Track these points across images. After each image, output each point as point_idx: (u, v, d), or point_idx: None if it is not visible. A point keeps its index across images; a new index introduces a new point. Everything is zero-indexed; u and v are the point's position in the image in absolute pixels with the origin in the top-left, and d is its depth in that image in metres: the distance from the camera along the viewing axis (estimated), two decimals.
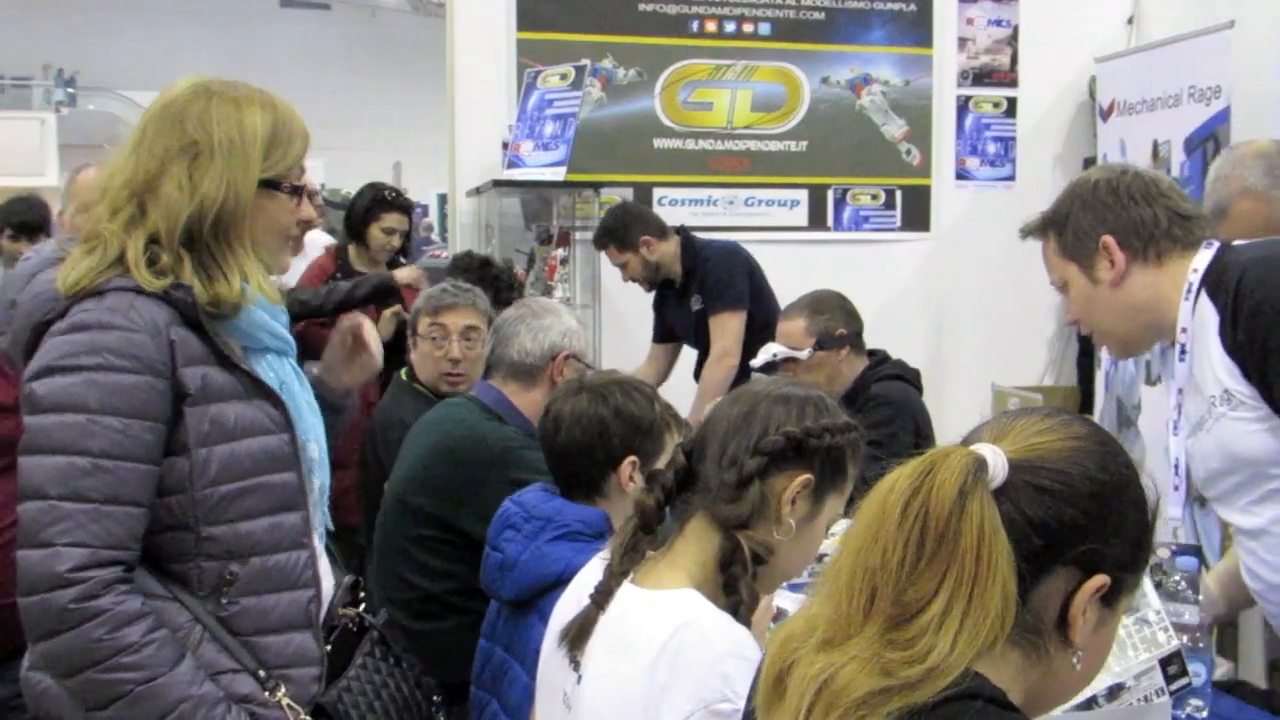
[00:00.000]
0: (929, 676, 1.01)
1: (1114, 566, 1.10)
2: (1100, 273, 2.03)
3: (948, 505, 1.03)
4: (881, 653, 1.03)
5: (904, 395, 3.42)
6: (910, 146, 5.94)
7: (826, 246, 5.79)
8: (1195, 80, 4.91)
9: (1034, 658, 1.09)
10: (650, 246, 4.52)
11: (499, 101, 5.41)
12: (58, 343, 1.68)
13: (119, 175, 1.77)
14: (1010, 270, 5.95)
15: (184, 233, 1.74)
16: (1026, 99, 6.06)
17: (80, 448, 1.63)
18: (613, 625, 1.61)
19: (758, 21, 5.76)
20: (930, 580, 1.03)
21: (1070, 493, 1.08)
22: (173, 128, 1.77)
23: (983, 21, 6.04)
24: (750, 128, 5.76)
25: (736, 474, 1.60)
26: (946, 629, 1.01)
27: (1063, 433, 1.13)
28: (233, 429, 1.74)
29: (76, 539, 1.61)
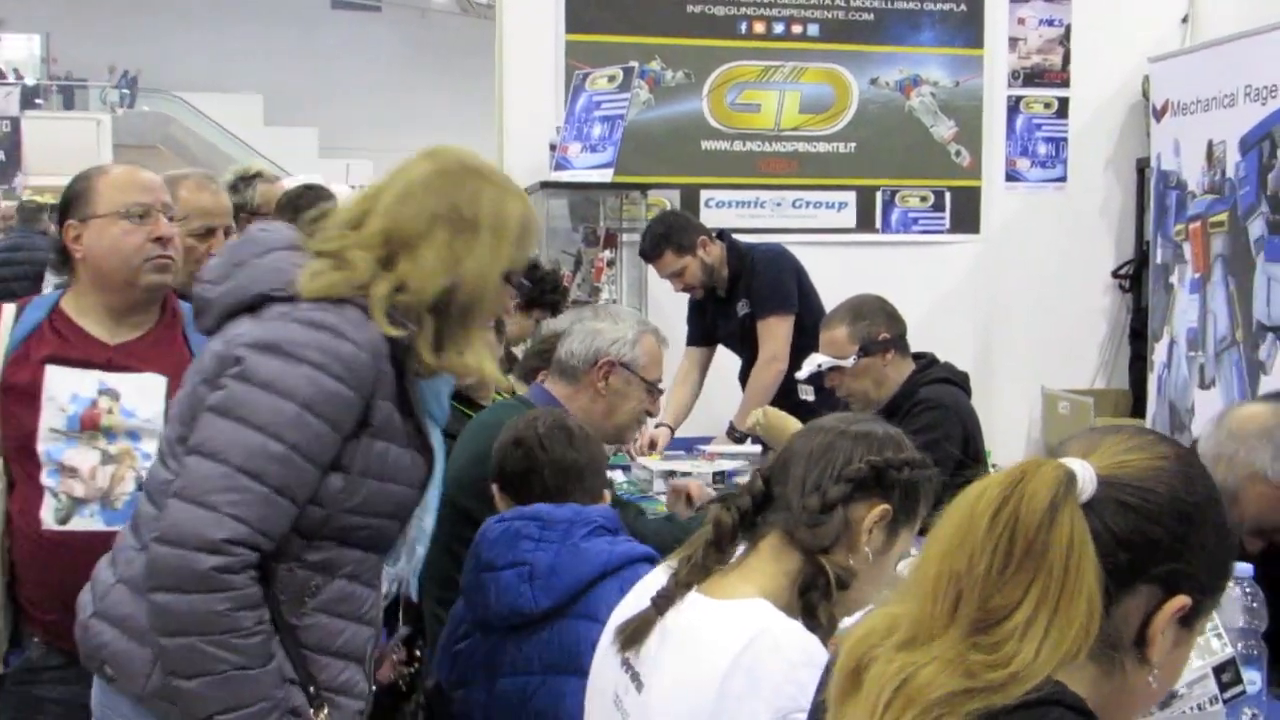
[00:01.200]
0: (1012, 681, 1.02)
1: (1195, 588, 1.10)
2: None
3: (1039, 516, 1.04)
4: (965, 655, 1.04)
5: (953, 399, 3.38)
6: (960, 148, 5.90)
7: (875, 249, 5.76)
8: (1251, 79, 4.85)
9: (1110, 672, 1.10)
10: (706, 248, 4.49)
11: (547, 103, 5.43)
12: (291, 328, 1.72)
13: (378, 221, 1.82)
14: (1061, 272, 5.93)
15: (432, 300, 1.81)
16: (1078, 99, 6.01)
17: (278, 433, 1.68)
18: (679, 633, 1.61)
19: (806, 23, 5.74)
20: (1017, 588, 1.04)
21: (1156, 511, 1.09)
22: (444, 197, 1.83)
23: (1034, 21, 5.99)
24: (798, 129, 5.74)
25: (820, 499, 1.63)
26: (1031, 636, 1.02)
27: (1150, 452, 1.13)
28: (390, 470, 1.81)
29: (241, 514, 1.65)
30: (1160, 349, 5.50)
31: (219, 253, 2.00)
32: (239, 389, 1.70)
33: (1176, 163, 5.37)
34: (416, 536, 1.94)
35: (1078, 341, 6.03)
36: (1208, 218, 5.15)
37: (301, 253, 1.81)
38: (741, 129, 5.70)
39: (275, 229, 1.90)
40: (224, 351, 1.75)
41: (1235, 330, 4.96)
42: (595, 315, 3.00)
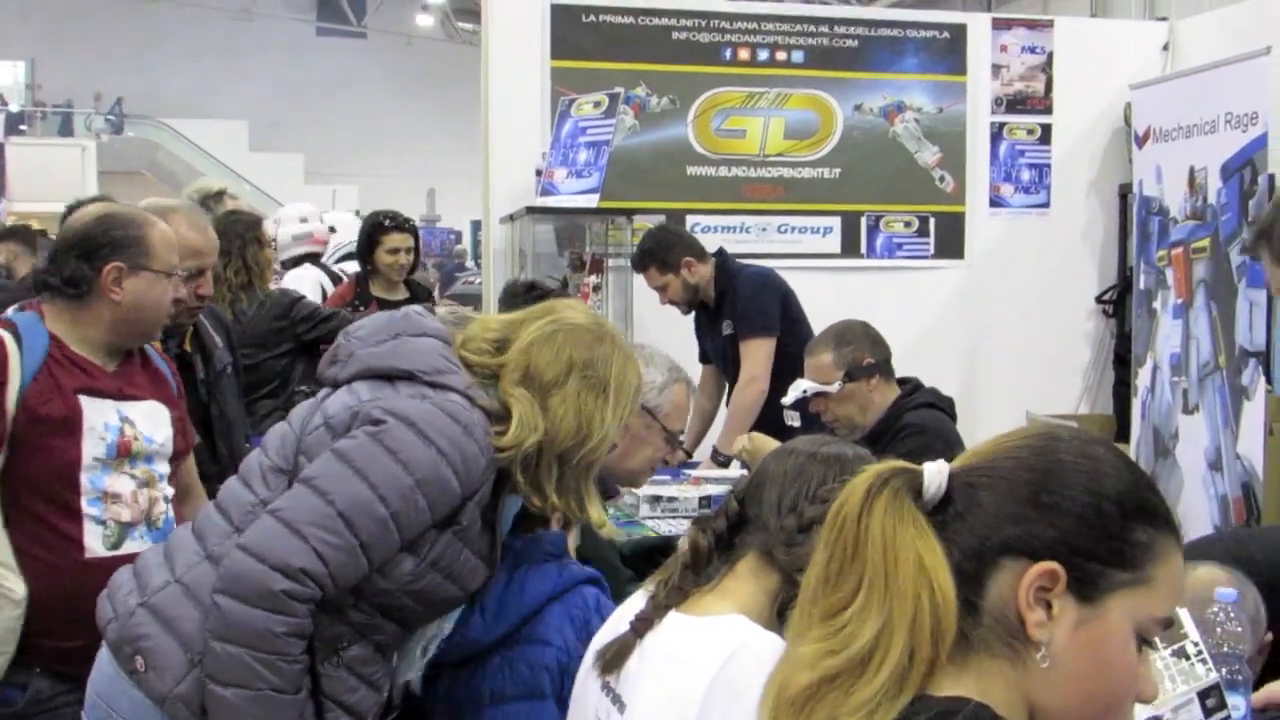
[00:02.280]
0: (861, 667, 1.06)
1: (1066, 552, 1.08)
2: None
3: (855, 512, 1.11)
4: (809, 648, 1.10)
5: (938, 423, 3.39)
6: (944, 173, 5.93)
7: (860, 274, 5.78)
8: (1232, 107, 4.89)
9: (1017, 665, 1.09)
10: (691, 268, 4.52)
11: (533, 129, 5.45)
12: (432, 412, 1.85)
13: (519, 362, 1.96)
14: (1045, 298, 5.97)
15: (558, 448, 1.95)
16: (1061, 126, 6.05)
17: (386, 496, 1.79)
18: (659, 652, 1.63)
19: (790, 49, 5.78)
20: (851, 579, 1.10)
21: (998, 482, 1.11)
22: (581, 353, 1.98)
23: (1017, 49, 6.03)
24: (783, 155, 5.76)
25: (797, 519, 1.67)
26: (866, 620, 1.07)
27: (1012, 436, 1.17)
28: (457, 570, 1.92)
29: (325, 553, 1.76)
30: (1144, 374, 5.52)
31: (377, 319, 2.08)
32: (369, 445, 1.82)
33: (1159, 189, 5.41)
34: (434, 635, 2.04)
35: (1062, 366, 6.05)
36: (1190, 244, 5.18)
37: (449, 348, 1.96)
38: (727, 154, 5.72)
39: (431, 319, 2.04)
40: (359, 408, 1.87)
41: (1218, 355, 4.98)
42: None
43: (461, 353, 1.97)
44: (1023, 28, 6.06)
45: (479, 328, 2.03)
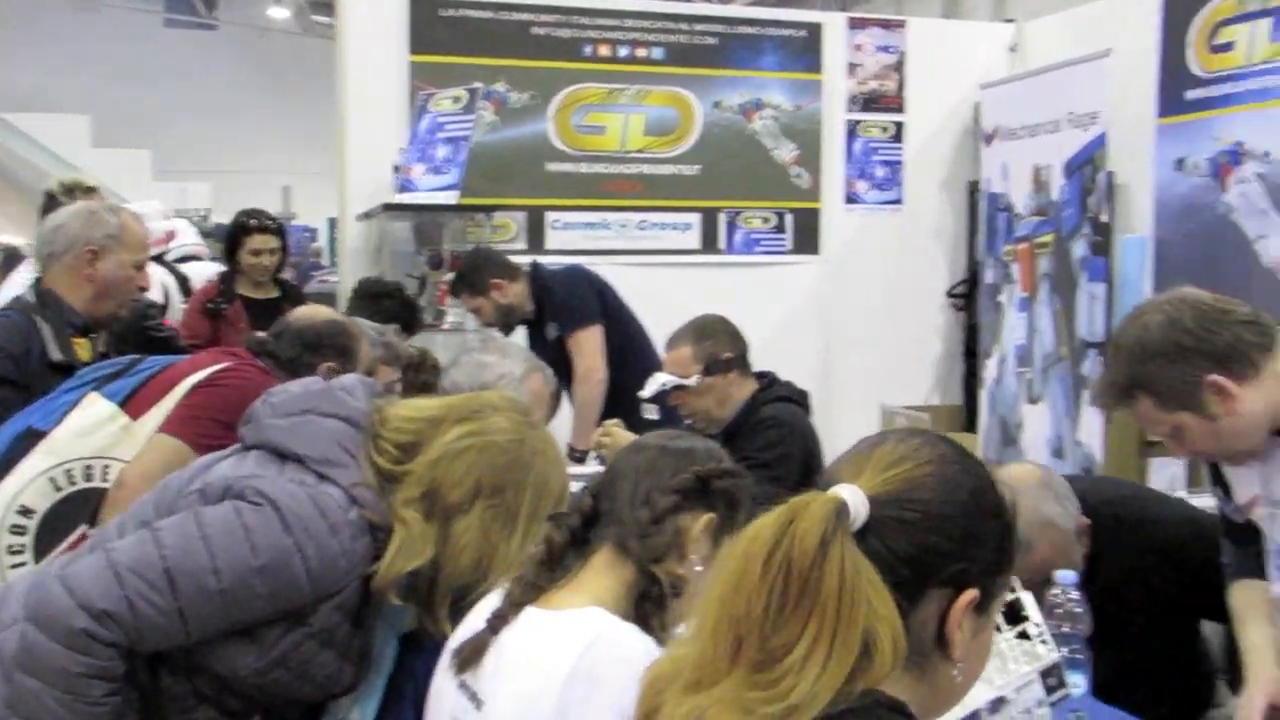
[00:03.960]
0: (791, 713, 1.04)
1: (981, 578, 1.13)
2: (1214, 409, 2.02)
3: (810, 555, 1.05)
4: (744, 693, 1.05)
5: (793, 417, 3.43)
6: (801, 170, 6.02)
7: (719, 269, 5.84)
8: (1074, 106, 5.07)
9: (922, 677, 1.13)
10: (502, 289, 4.50)
11: (390, 124, 5.36)
12: (301, 498, 1.74)
13: (422, 476, 1.81)
14: (898, 292, 6.10)
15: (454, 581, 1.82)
16: (913, 124, 6.19)
17: (221, 571, 1.68)
18: (516, 648, 1.62)
19: (650, 46, 5.80)
20: (795, 626, 1.05)
21: (930, 521, 1.12)
22: (492, 477, 1.83)
23: (871, 48, 6.16)
24: (643, 151, 5.78)
25: (650, 512, 1.68)
26: (809, 670, 1.04)
27: (917, 459, 1.16)
28: (310, 671, 1.79)
29: (137, 606, 1.65)
30: (991, 366, 5.70)
31: (296, 387, 1.97)
32: (227, 517, 1.72)
33: (1005, 186, 5.58)
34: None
35: (914, 359, 6.20)
36: (1034, 239, 5.36)
37: (357, 435, 1.84)
38: (587, 151, 5.72)
39: (353, 399, 1.91)
40: (237, 483, 1.77)
41: (1060, 347, 5.17)
42: (483, 348, 2.96)
43: (369, 446, 1.84)
44: (877, 27, 6.19)
45: (398, 417, 1.89)
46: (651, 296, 4.88)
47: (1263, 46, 4.73)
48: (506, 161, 5.57)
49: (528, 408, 2.02)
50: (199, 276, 5.27)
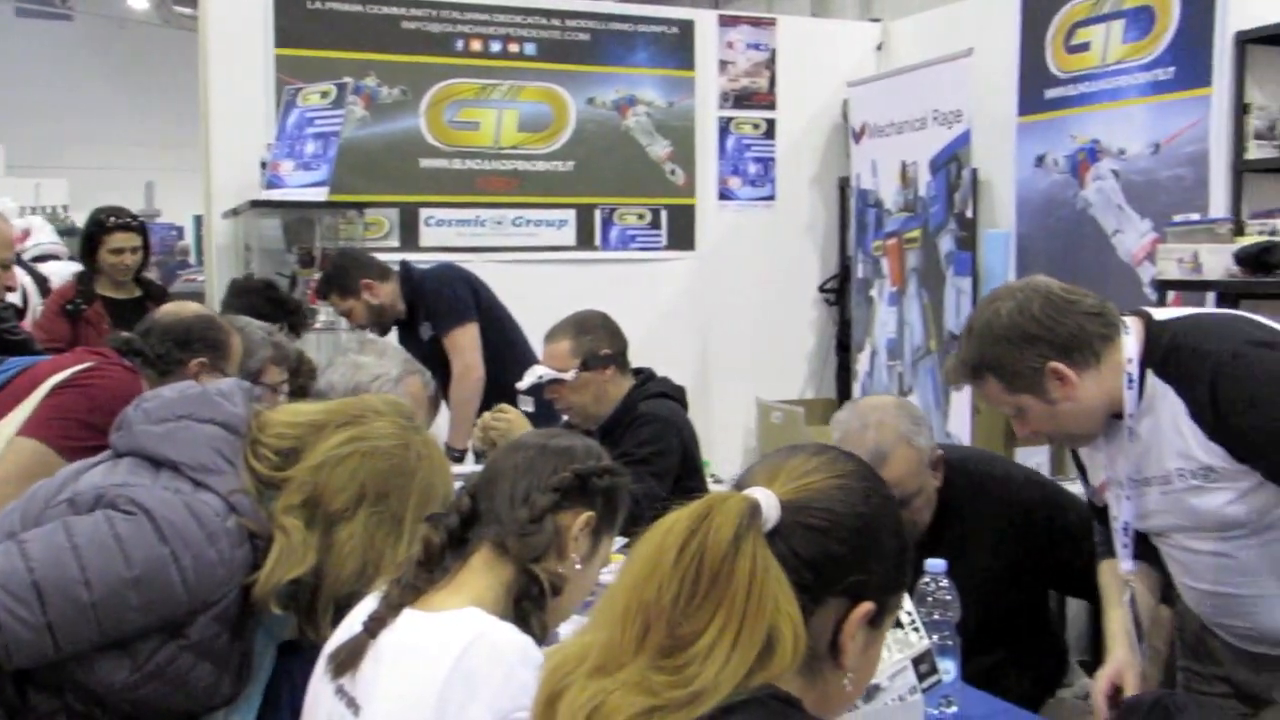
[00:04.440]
0: (694, 699, 1.06)
1: (877, 592, 1.17)
2: (1054, 394, 2.10)
3: (723, 548, 1.09)
4: (649, 677, 1.08)
5: (671, 412, 3.45)
6: (675, 167, 6.06)
7: (595, 266, 5.84)
8: (939, 104, 5.19)
9: (812, 681, 1.16)
10: (373, 290, 4.45)
11: (256, 119, 5.25)
12: (176, 506, 1.69)
13: (304, 483, 1.78)
14: (772, 287, 6.18)
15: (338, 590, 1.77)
16: (784, 121, 6.27)
17: (92, 583, 1.63)
18: (393, 651, 1.60)
19: (523, 42, 5.77)
20: (703, 616, 1.09)
21: (836, 529, 1.15)
22: (376, 483, 1.80)
23: (742, 45, 6.22)
24: (517, 148, 5.76)
25: (529, 510, 1.68)
26: (714, 659, 1.07)
27: (828, 471, 1.20)
28: (189, 684, 1.75)
29: (3, 622, 1.60)
30: (863, 359, 5.80)
31: (170, 391, 1.89)
32: (99, 527, 1.66)
33: (874, 182, 5.69)
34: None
35: (789, 353, 6.28)
36: (903, 234, 5.47)
37: (236, 440, 1.79)
38: (460, 147, 5.67)
39: (230, 404, 1.85)
40: (108, 491, 1.71)
41: (929, 340, 5.29)
42: (360, 349, 2.92)
43: (248, 452, 1.80)
44: (747, 25, 6.25)
45: (277, 422, 1.85)
46: (527, 294, 4.86)
47: (1116, 47, 4.90)
48: (378, 158, 5.50)
49: (411, 411, 1.99)
50: (58, 276, 5.11)
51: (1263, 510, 2.03)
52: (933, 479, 2.57)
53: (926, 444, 2.55)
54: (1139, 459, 2.13)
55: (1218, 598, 2.18)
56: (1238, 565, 2.11)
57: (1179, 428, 2.05)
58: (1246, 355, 2.01)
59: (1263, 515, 2.03)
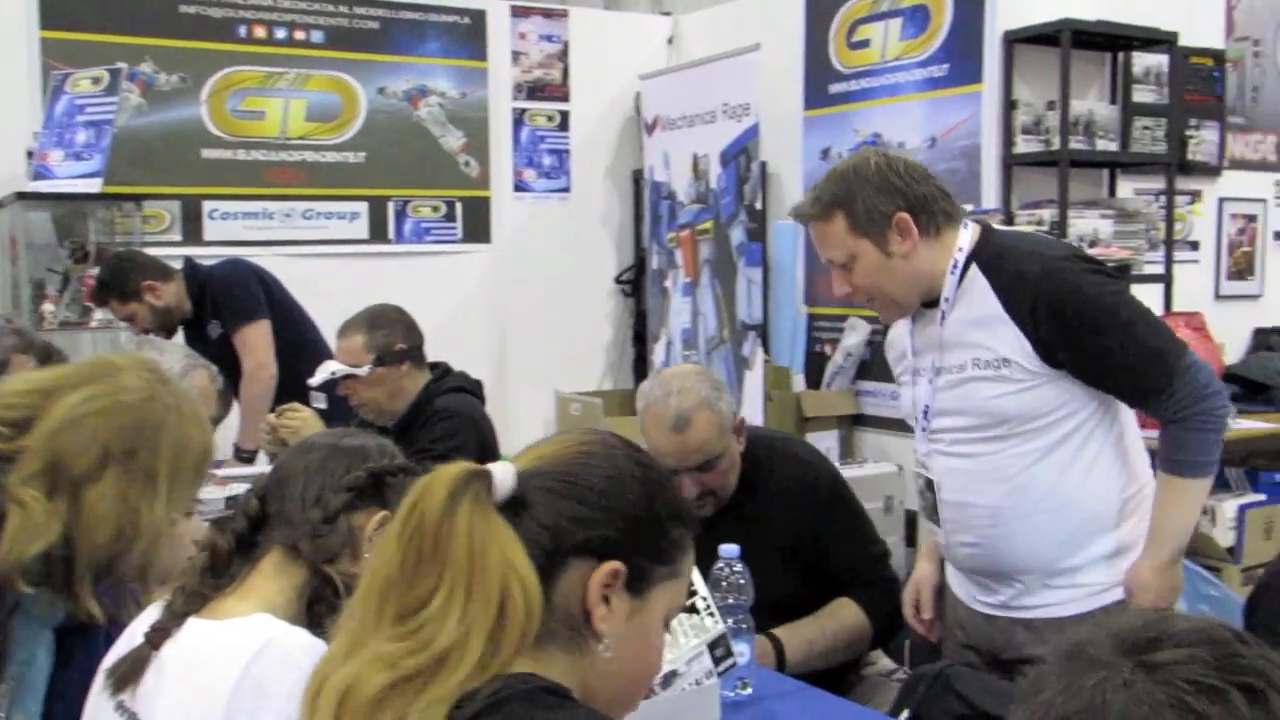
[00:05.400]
0: (440, 663, 1.07)
1: (628, 552, 1.17)
2: (893, 246, 2.22)
3: (438, 511, 1.11)
4: (387, 648, 1.09)
5: (468, 407, 3.43)
6: (469, 159, 6.00)
7: (388, 259, 5.75)
8: (728, 98, 5.29)
9: (576, 654, 1.15)
10: (156, 291, 4.25)
11: (21, 106, 4.96)
12: None
13: (41, 450, 1.66)
14: (569, 279, 6.19)
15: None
16: (578, 113, 6.29)
17: None
18: (178, 662, 1.55)
19: (309, 29, 5.62)
20: (429, 580, 1.10)
21: (572, 489, 1.17)
22: (120, 441, 1.70)
23: (535, 37, 6.20)
24: (306, 138, 5.60)
25: (321, 511, 1.65)
26: (448, 619, 1.08)
27: (571, 440, 1.23)
28: None
29: None
30: (659, 349, 5.87)
31: None
32: None
33: (667, 174, 5.76)
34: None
35: (586, 345, 6.31)
36: (695, 226, 5.56)
37: None
38: (245, 137, 5.48)
39: None
40: None
41: (722, 330, 5.39)
42: (139, 346, 2.81)
43: None
44: (540, 16, 6.24)
45: (7, 392, 1.73)
46: (319, 288, 4.76)
47: (895, 45, 5.09)
48: (156, 148, 5.27)
49: (157, 363, 1.90)
50: None
51: (1030, 412, 2.20)
52: (736, 443, 2.63)
53: (727, 409, 2.60)
54: (941, 347, 2.27)
55: (961, 509, 2.32)
56: (989, 470, 2.26)
57: (988, 320, 2.20)
58: (1074, 264, 2.21)
59: (1026, 417, 2.20)
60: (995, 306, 2.20)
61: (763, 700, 2.14)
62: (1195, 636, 0.76)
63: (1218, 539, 4.64)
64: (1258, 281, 5.71)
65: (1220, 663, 0.73)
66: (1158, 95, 5.00)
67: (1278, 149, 5.75)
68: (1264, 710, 0.71)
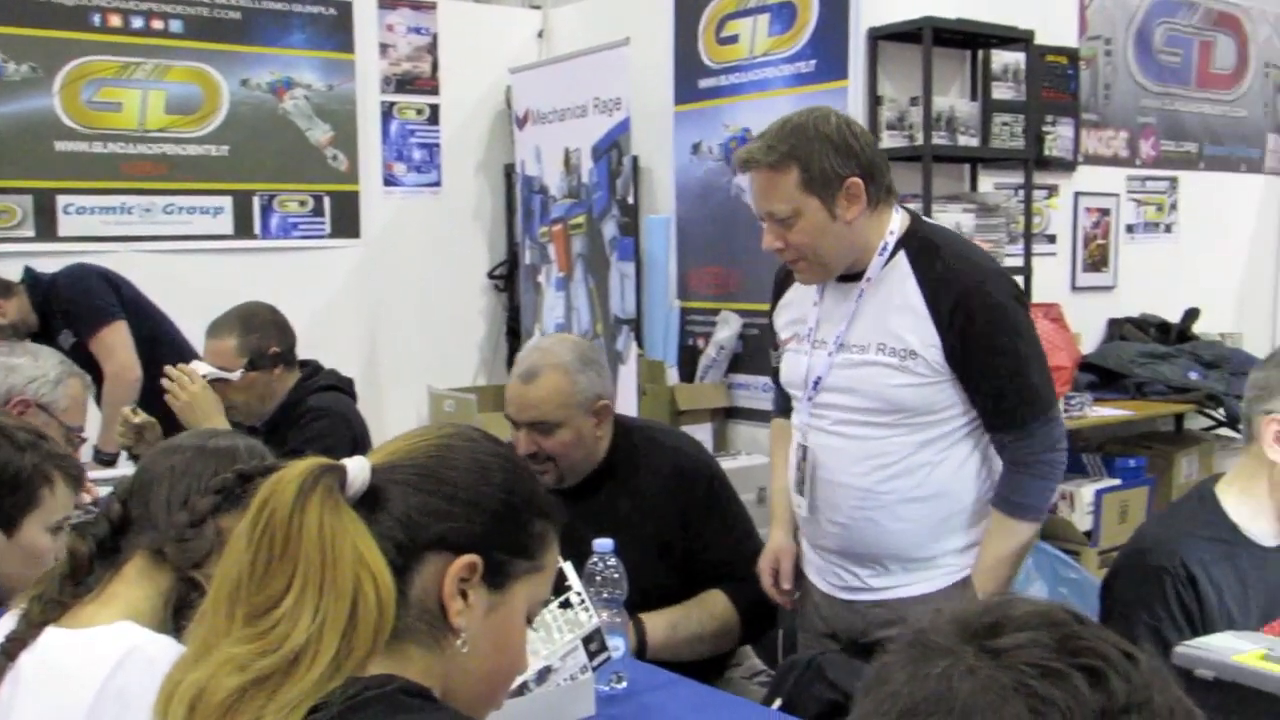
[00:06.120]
0: (292, 664, 1.05)
1: (485, 546, 1.16)
2: (840, 210, 2.22)
3: (288, 507, 1.09)
4: (238, 650, 1.07)
5: (340, 405, 3.39)
6: (337, 152, 5.90)
7: (255, 255, 5.62)
8: (599, 92, 5.29)
9: (436, 651, 1.14)
10: (1, 308, 4.11)
11: None
12: None
13: None
14: (441, 275, 6.14)
15: None
16: (448, 107, 6.23)
17: None
18: (35, 673, 1.51)
19: (168, 18, 5.45)
20: (281, 579, 1.09)
21: (427, 481, 1.16)
22: None
23: (403, 29, 6.12)
24: (166, 130, 5.44)
25: (189, 515, 1.61)
26: (300, 618, 1.07)
27: (430, 434, 1.22)
28: None
29: None
30: None
31: None
32: None
33: (539, 168, 5.74)
34: None
35: (459, 341, 6.26)
36: (568, 220, 5.55)
37: None
38: (101, 129, 5.30)
39: None
40: None
41: (596, 324, 5.40)
42: (11, 351, 2.74)
43: None
44: (407, 8, 6.16)
45: None
46: (183, 285, 4.64)
47: (763, 40, 5.15)
48: (5, 139, 5.06)
49: None
50: None
51: (925, 406, 2.26)
52: (591, 426, 2.59)
53: (588, 386, 2.56)
54: (851, 324, 2.30)
55: (834, 488, 2.37)
56: (869, 454, 2.31)
57: (905, 309, 2.24)
58: (1005, 284, 2.29)
59: (920, 410, 2.26)
60: (916, 298, 2.24)
61: (638, 694, 2.15)
62: (1035, 620, 0.78)
63: (1076, 523, 4.81)
64: (1111, 273, 5.92)
65: (1061, 645, 0.75)
66: (1015, 92, 5.15)
67: (1129, 145, 5.97)
68: (1104, 691, 0.73)
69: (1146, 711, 0.74)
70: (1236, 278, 6.61)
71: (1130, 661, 0.76)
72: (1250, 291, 6.64)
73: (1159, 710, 0.74)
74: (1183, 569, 2.01)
